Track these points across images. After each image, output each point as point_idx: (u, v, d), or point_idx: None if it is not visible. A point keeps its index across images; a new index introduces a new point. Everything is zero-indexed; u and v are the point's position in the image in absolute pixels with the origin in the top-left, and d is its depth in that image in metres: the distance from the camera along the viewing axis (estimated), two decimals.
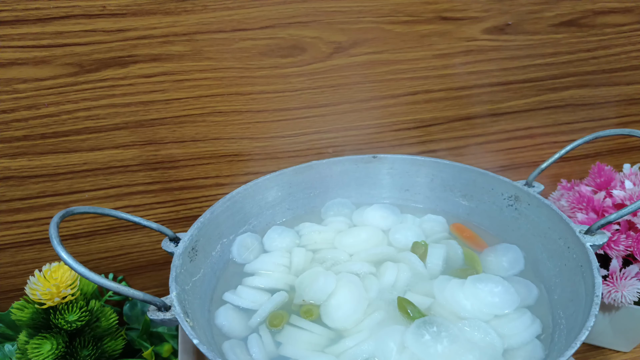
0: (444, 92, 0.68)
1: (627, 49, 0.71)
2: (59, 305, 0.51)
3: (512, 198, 0.56)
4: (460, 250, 0.54)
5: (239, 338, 0.45)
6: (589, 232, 0.47)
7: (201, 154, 0.64)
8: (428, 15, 0.62)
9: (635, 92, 0.76)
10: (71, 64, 0.55)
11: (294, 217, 0.62)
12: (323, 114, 0.66)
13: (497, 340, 0.43)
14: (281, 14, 0.58)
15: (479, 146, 0.74)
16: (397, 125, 0.69)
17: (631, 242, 0.55)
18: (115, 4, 0.53)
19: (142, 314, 0.65)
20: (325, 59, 0.62)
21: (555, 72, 0.71)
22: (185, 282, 0.45)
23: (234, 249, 0.55)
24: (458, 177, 0.61)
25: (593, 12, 0.67)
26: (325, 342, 0.45)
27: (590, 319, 0.38)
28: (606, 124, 0.77)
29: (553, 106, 0.74)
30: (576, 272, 0.46)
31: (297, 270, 0.53)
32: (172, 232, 0.48)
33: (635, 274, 0.55)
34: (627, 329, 0.59)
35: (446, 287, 0.48)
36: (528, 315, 0.45)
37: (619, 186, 0.60)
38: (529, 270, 0.52)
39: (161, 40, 0.56)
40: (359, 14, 0.60)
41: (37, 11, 0.51)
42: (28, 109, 0.56)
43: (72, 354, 0.51)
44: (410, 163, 0.63)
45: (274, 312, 0.47)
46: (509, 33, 0.66)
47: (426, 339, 0.42)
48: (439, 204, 0.63)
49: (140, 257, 0.69)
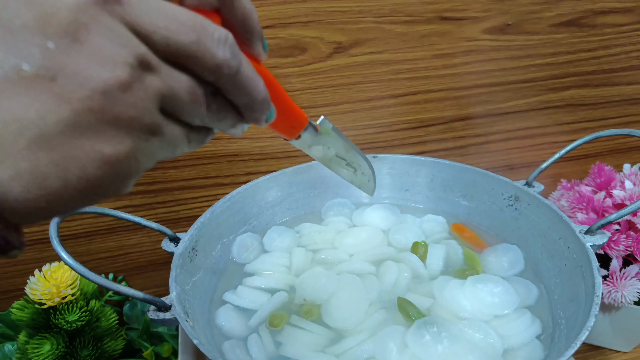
0: (444, 92, 0.68)
1: (627, 49, 0.71)
2: (59, 305, 0.51)
3: (512, 198, 0.56)
4: (460, 251, 0.54)
5: (239, 338, 0.45)
6: (589, 232, 0.47)
7: (201, 154, 0.64)
8: (428, 15, 0.62)
9: (635, 92, 0.76)
10: None
11: (294, 217, 0.62)
12: (323, 114, 0.65)
13: (497, 341, 0.43)
14: (281, 14, 0.58)
15: (479, 146, 0.74)
16: (397, 125, 0.69)
17: (631, 242, 0.55)
18: None
19: (142, 314, 0.65)
20: (325, 59, 0.62)
21: (555, 72, 0.71)
22: (185, 282, 0.45)
23: (234, 249, 0.55)
24: (458, 177, 0.61)
25: (593, 12, 0.67)
26: (326, 342, 0.45)
27: (590, 319, 0.38)
28: (606, 124, 0.77)
29: (553, 106, 0.74)
30: (576, 272, 0.46)
31: (297, 270, 0.53)
32: (172, 232, 0.48)
33: (635, 274, 0.55)
34: (627, 329, 0.59)
35: (446, 288, 0.48)
36: (528, 316, 0.45)
37: (619, 186, 0.60)
38: (529, 270, 0.52)
39: None
40: (359, 14, 0.60)
41: None
42: None
43: (72, 354, 0.51)
44: (410, 163, 0.63)
45: (274, 313, 0.47)
46: (509, 33, 0.66)
47: (426, 339, 0.42)
48: (439, 204, 0.63)
49: (140, 257, 0.69)
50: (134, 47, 0.18)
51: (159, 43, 0.18)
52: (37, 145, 0.16)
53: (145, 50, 0.18)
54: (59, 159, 0.17)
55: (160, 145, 0.20)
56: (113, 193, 0.19)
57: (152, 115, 0.19)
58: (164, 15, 0.18)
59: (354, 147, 0.39)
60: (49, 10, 0.16)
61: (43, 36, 0.16)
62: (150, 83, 0.18)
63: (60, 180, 0.17)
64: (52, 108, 0.16)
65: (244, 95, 0.22)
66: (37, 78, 0.16)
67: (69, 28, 0.16)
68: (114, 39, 0.17)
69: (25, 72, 0.16)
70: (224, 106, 0.22)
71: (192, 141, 0.22)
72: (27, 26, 0.16)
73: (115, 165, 0.18)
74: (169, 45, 0.18)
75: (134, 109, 0.18)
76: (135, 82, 0.18)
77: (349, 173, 0.41)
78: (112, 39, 0.17)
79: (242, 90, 0.22)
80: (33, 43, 0.16)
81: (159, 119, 0.19)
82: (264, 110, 0.23)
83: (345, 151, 0.38)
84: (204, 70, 0.20)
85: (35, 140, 0.16)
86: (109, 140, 0.18)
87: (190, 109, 0.20)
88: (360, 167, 0.41)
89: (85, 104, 0.17)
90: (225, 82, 0.21)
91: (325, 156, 0.37)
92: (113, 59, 0.17)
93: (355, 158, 0.40)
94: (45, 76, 0.16)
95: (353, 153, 0.39)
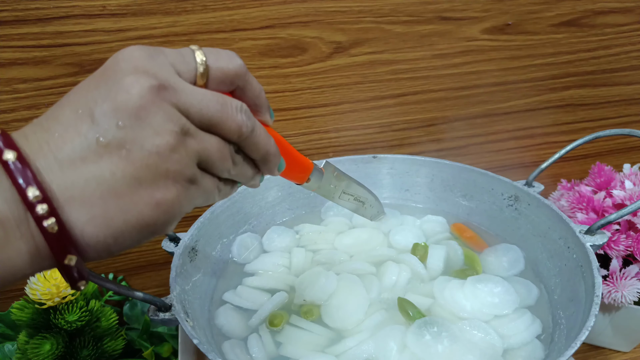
0: (444, 92, 0.68)
1: (627, 49, 0.71)
2: (59, 305, 0.51)
3: (512, 198, 0.56)
4: (461, 251, 0.54)
5: (239, 338, 0.45)
6: (589, 232, 0.47)
7: None
8: (428, 15, 0.62)
9: (635, 92, 0.76)
10: (71, 64, 0.55)
11: (294, 217, 0.62)
12: (323, 114, 0.65)
13: (497, 341, 0.43)
14: (281, 14, 0.58)
15: (479, 146, 0.74)
16: (397, 125, 0.69)
17: (631, 242, 0.55)
18: (115, 4, 0.53)
19: (142, 314, 0.65)
20: (325, 59, 0.62)
21: (555, 72, 0.71)
22: (185, 282, 0.45)
23: (234, 249, 0.55)
24: (458, 177, 0.61)
25: (593, 12, 0.67)
26: (326, 342, 0.45)
27: (590, 319, 0.38)
28: (606, 124, 0.77)
29: (553, 106, 0.74)
30: (576, 272, 0.46)
31: (297, 270, 0.53)
32: (172, 232, 0.48)
33: (635, 274, 0.55)
34: (627, 329, 0.59)
35: (446, 288, 0.48)
36: (528, 316, 0.45)
37: (619, 186, 0.60)
38: (529, 271, 0.52)
39: (161, 40, 0.56)
40: (359, 14, 0.60)
41: (37, 11, 0.51)
42: (28, 109, 0.56)
43: (72, 354, 0.51)
44: (410, 163, 0.63)
45: (274, 312, 0.47)
46: (509, 33, 0.66)
47: (427, 339, 0.42)
48: (439, 204, 0.63)
49: (140, 257, 0.69)
50: (178, 120, 0.24)
51: (195, 115, 0.24)
52: (108, 196, 0.22)
53: (185, 121, 0.24)
54: (123, 205, 0.23)
55: (197, 192, 0.26)
56: (161, 231, 0.25)
57: (192, 169, 0.25)
58: (197, 96, 0.25)
59: (358, 183, 0.43)
60: (120, 101, 0.22)
61: (116, 118, 0.22)
62: (190, 145, 0.24)
63: (123, 221, 0.23)
64: (120, 167, 0.22)
65: (259, 150, 0.28)
66: (110, 146, 0.22)
67: (134, 111, 0.22)
68: (164, 116, 0.23)
69: (102, 142, 0.22)
70: (244, 161, 0.28)
71: (221, 190, 0.28)
72: (106, 114, 0.22)
73: (164, 208, 0.24)
74: (202, 116, 0.25)
75: (179, 165, 0.24)
76: (180, 145, 0.24)
77: (358, 206, 0.45)
78: (163, 115, 0.23)
79: (257, 146, 0.28)
80: (109, 123, 0.22)
81: (197, 172, 0.25)
82: (276, 162, 0.30)
83: (350, 187, 0.42)
84: (228, 132, 0.26)
85: (107, 191, 0.22)
86: (160, 188, 0.23)
87: (219, 163, 0.26)
88: (368, 201, 0.46)
89: (144, 163, 0.23)
90: (244, 141, 0.27)
91: (334, 195, 0.41)
92: (164, 129, 0.23)
93: (361, 192, 0.44)
94: (116, 145, 0.22)
95: (357, 188, 0.44)
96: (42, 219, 0.21)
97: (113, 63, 0.23)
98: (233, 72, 0.27)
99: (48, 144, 0.22)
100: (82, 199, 0.22)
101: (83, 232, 0.22)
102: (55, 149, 0.22)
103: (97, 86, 0.23)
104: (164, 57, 0.25)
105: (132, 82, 0.23)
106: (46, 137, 0.22)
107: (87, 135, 0.22)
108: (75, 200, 0.22)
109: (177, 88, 0.24)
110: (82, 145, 0.22)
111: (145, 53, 0.24)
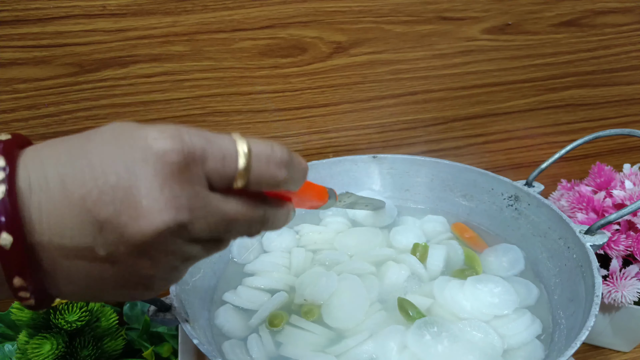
0: (444, 92, 0.68)
1: (627, 49, 0.71)
2: (59, 305, 0.51)
3: (512, 198, 0.56)
4: (461, 251, 0.54)
5: (239, 338, 0.45)
6: (589, 232, 0.47)
7: None
8: (428, 15, 0.62)
9: (635, 92, 0.76)
10: (71, 64, 0.55)
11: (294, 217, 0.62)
12: (323, 114, 0.65)
13: (497, 341, 0.43)
14: (281, 14, 0.58)
15: (479, 146, 0.74)
16: (397, 125, 0.69)
17: (631, 242, 0.55)
18: (115, 4, 0.53)
19: (142, 314, 0.65)
20: (325, 59, 0.62)
21: (555, 72, 0.71)
22: (185, 282, 0.45)
23: (234, 249, 0.55)
24: (458, 177, 0.61)
25: (593, 12, 0.67)
26: (326, 342, 0.45)
27: (590, 319, 0.38)
28: (606, 124, 0.77)
29: (553, 106, 0.74)
30: (576, 272, 0.46)
31: (297, 270, 0.53)
32: None
33: (635, 274, 0.55)
34: (627, 329, 0.59)
35: (446, 288, 0.48)
36: (528, 316, 0.45)
37: (619, 186, 0.60)
38: (529, 271, 0.52)
39: (161, 40, 0.56)
40: (359, 14, 0.60)
41: (37, 11, 0.51)
42: (28, 109, 0.56)
43: (72, 354, 0.51)
44: (410, 163, 0.63)
45: (274, 312, 0.47)
46: (509, 33, 0.66)
47: (427, 339, 0.42)
48: (439, 204, 0.63)
49: None
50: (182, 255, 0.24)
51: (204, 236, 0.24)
52: (92, 284, 0.23)
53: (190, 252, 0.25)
54: (103, 293, 0.24)
55: (178, 274, 0.26)
56: None
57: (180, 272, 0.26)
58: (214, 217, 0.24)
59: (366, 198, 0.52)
60: (130, 234, 0.21)
61: (121, 245, 0.22)
62: (185, 265, 0.26)
63: (100, 299, 0.26)
64: (110, 273, 0.23)
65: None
66: (107, 259, 0.22)
67: (139, 246, 0.22)
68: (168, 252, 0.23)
69: (101, 252, 0.22)
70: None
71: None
72: (113, 232, 0.21)
73: (144, 296, 0.25)
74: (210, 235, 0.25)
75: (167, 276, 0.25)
76: (175, 270, 0.25)
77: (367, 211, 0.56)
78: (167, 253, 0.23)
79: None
80: (113, 243, 0.22)
81: (181, 266, 0.26)
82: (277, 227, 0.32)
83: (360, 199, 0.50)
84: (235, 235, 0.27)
85: (92, 282, 0.23)
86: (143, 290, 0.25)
87: (209, 253, 0.27)
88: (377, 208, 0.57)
89: (135, 281, 0.24)
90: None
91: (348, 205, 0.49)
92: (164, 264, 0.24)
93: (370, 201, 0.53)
94: (113, 260, 0.22)
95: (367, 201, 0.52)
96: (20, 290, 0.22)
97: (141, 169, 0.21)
98: (274, 183, 0.25)
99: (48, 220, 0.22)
100: (68, 278, 0.23)
101: (63, 296, 0.24)
102: (55, 228, 0.21)
103: (113, 195, 0.21)
104: (199, 169, 0.22)
105: (150, 217, 0.21)
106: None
107: (88, 239, 0.22)
108: (58, 277, 0.23)
109: (197, 219, 0.23)
110: (80, 242, 0.22)
111: (180, 164, 0.22)
